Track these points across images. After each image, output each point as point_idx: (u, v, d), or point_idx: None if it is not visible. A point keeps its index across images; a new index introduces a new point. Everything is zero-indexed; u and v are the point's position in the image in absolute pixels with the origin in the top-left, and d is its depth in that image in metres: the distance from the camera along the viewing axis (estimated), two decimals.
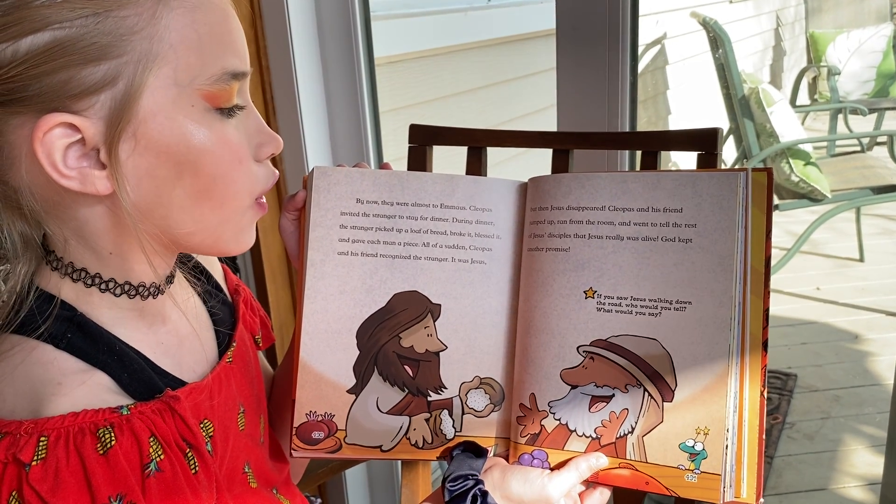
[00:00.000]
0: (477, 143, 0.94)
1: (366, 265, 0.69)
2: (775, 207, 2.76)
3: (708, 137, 0.82)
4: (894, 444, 1.08)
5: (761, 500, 0.62)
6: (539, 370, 0.67)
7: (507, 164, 2.09)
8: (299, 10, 1.30)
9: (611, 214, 0.66)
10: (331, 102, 1.37)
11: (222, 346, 0.67)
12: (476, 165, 0.95)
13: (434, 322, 0.69)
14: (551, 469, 0.67)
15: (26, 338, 0.52)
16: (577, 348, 0.66)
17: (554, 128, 1.11)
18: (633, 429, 0.65)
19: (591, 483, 0.68)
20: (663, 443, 0.64)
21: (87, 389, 0.51)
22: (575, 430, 0.66)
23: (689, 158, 0.84)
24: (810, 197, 2.71)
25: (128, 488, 0.49)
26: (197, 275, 0.68)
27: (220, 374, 0.63)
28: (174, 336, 0.61)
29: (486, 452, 0.68)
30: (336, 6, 1.31)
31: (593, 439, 0.66)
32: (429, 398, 0.70)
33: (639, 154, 0.89)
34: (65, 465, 0.48)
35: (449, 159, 1.13)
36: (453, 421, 0.70)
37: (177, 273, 0.63)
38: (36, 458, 0.47)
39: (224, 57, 0.53)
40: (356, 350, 0.69)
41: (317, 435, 0.69)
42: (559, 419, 0.67)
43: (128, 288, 0.57)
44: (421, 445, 0.70)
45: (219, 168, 0.54)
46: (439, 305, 0.69)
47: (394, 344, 0.69)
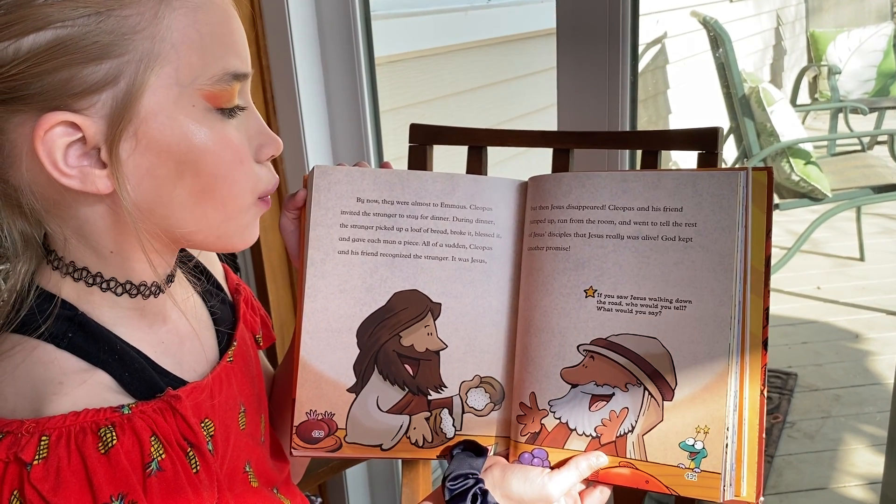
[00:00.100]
0: (477, 143, 0.94)
1: (366, 264, 0.69)
2: (776, 207, 2.76)
3: (708, 137, 0.82)
4: (895, 444, 1.08)
5: (761, 498, 0.62)
6: (539, 369, 0.67)
7: (508, 164, 2.09)
8: (299, 9, 1.30)
9: (611, 213, 0.66)
10: (331, 102, 1.37)
11: (223, 345, 0.67)
12: (476, 165, 0.95)
13: (434, 321, 0.69)
14: (551, 468, 0.67)
15: (27, 337, 0.52)
16: (578, 347, 0.66)
17: (554, 127, 1.11)
18: (633, 428, 0.65)
19: (592, 482, 0.68)
20: (663, 441, 0.64)
21: (88, 389, 0.51)
22: (575, 429, 0.66)
23: (689, 158, 0.84)
24: (811, 196, 2.71)
25: (129, 487, 0.49)
26: (197, 274, 0.68)
27: (221, 373, 0.63)
28: (175, 335, 0.61)
29: (486, 451, 0.68)
30: (336, 5, 1.31)
31: (593, 438, 0.66)
32: (429, 397, 0.70)
33: (639, 153, 0.89)
34: (66, 465, 0.48)
35: (449, 159, 1.13)
36: (453, 420, 0.70)
37: (177, 272, 0.63)
38: (37, 457, 0.47)
39: (226, 57, 0.53)
40: (356, 349, 0.69)
41: (317, 434, 0.69)
42: (559, 418, 0.67)
43: (129, 287, 0.57)
44: (421, 444, 0.70)
45: (219, 168, 0.54)
46: (439, 304, 0.70)
47: (394, 343, 0.69)
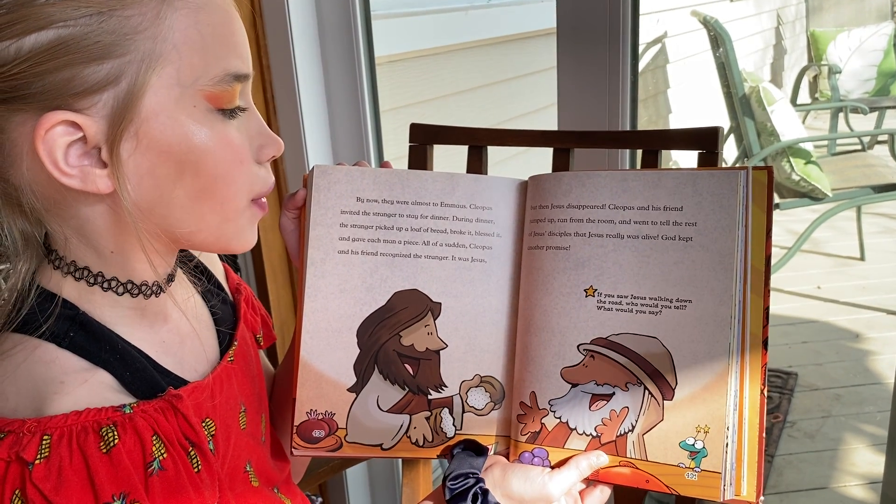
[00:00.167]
0: (477, 142, 0.94)
1: (366, 264, 0.69)
2: (776, 206, 2.76)
3: (708, 136, 0.82)
4: (895, 443, 1.08)
5: (761, 498, 0.62)
6: (539, 368, 0.67)
7: (508, 163, 2.09)
8: (300, 9, 1.30)
9: (611, 213, 0.66)
10: (331, 101, 1.37)
11: (224, 345, 0.67)
12: (477, 164, 0.95)
13: (434, 320, 0.70)
14: (552, 467, 0.67)
15: (28, 336, 0.52)
16: (578, 346, 0.66)
17: (554, 127, 1.11)
18: (633, 427, 0.65)
19: (592, 481, 0.68)
20: (664, 441, 0.64)
21: (90, 388, 0.51)
22: (575, 429, 0.66)
23: (689, 157, 0.84)
24: (811, 196, 2.71)
25: (131, 487, 0.49)
26: (198, 274, 0.68)
27: (222, 373, 0.63)
28: (176, 335, 0.61)
29: (486, 451, 0.68)
30: (337, 5, 1.31)
31: (594, 437, 0.66)
32: (429, 396, 0.70)
33: (639, 153, 0.89)
34: (68, 464, 0.48)
35: (449, 158, 1.13)
36: (454, 419, 0.70)
37: (178, 272, 0.63)
38: (39, 456, 0.47)
39: (227, 58, 0.53)
40: (356, 348, 0.69)
41: (317, 433, 0.69)
42: (559, 417, 0.67)
43: (130, 287, 0.57)
44: (421, 444, 0.70)
45: (219, 168, 0.54)
46: (440, 304, 0.70)
47: (394, 342, 0.69)
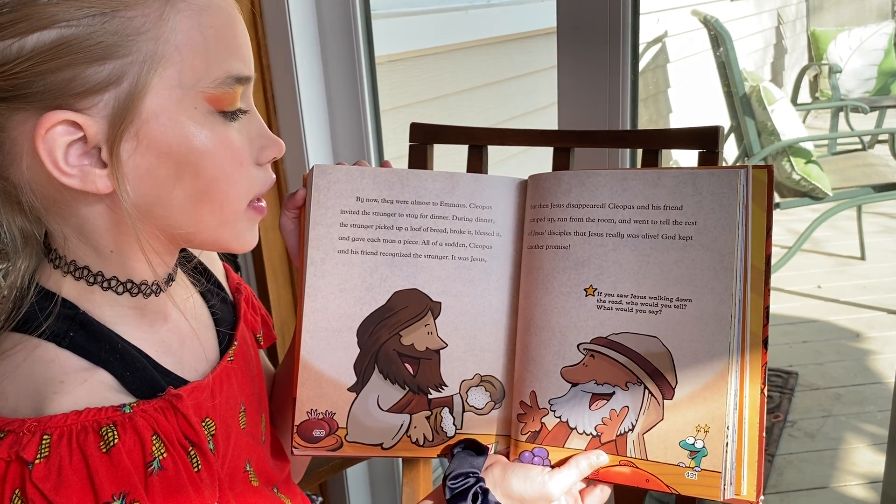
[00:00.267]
0: (477, 142, 0.94)
1: (366, 263, 0.69)
2: (776, 206, 2.76)
3: (709, 135, 0.82)
4: (895, 443, 1.08)
5: (762, 497, 0.62)
6: (539, 368, 0.67)
7: (508, 163, 2.09)
8: (300, 8, 1.30)
9: (611, 212, 0.66)
10: (332, 101, 1.37)
11: (224, 344, 0.67)
12: (477, 164, 0.95)
13: (434, 320, 0.70)
14: (552, 467, 0.67)
15: (28, 336, 0.53)
16: (578, 346, 0.66)
17: (555, 126, 1.11)
18: (633, 426, 0.65)
19: (592, 481, 0.68)
20: (664, 440, 0.64)
21: (90, 388, 0.51)
22: (575, 428, 0.66)
23: (690, 157, 0.84)
24: (811, 195, 2.71)
25: (131, 486, 0.49)
26: (198, 274, 0.68)
27: (222, 372, 0.63)
28: (175, 335, 0.61)
29: (486, 450, 0.68)
30: (337, 5, 1.31)
31: (594, 437, 0.66)
32: (429, 396, 0.70)
33: (640, 152, 0.89)
34: (68, 464, 0.48)
35: (450, 158, 1.13)
36: (454, 419, 0.70)
37: (177, 272, 0.63)
38: (39, 456, 0.47)
39: (229, 61, 0.53)
40: (357, 348, 0.69)
41: (318, 433, 0.69)
42: (560, 417, 0.67)
43: (129, 286, 0.57)
44: (422, 443, 0.70)
45: (219, 170, 0.54)
46: (440, 303, 0.70)
47: (394, 342, 0.69)
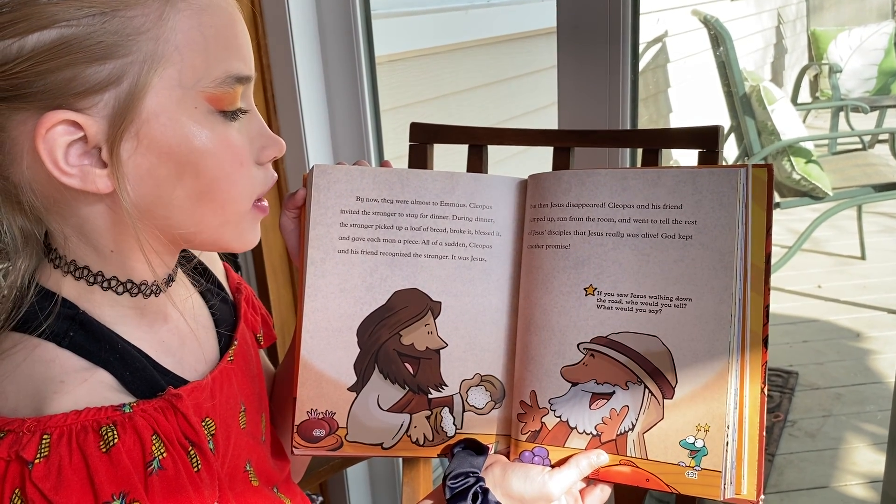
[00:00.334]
0: (477, 142, 0.94)
1: (366, 263, 0.69)
2: (777, 205, 2.76)
3: (709, 135, 0.82)
4: (895, 442, 1.08)
5: (762, 497, 0.62)
6: (539, 367, 0.67)
7: (508, 163, 2.09)
8: (300, 8, 1.30)
9: (611, 211, 0.66)
10: (332, 101, 1.37)
11: (224, 344, 0.67)
12: (477, 163, 0.95)
13: (434, 319, 0.70)
14: (552, 466, 0.67)
15: (28, 336, 0.53)
16: (578, 345, 0.66)
17: (555, 126, 1.11)
18: (633, 426, 0.65)
19: (592, 480, 0.68)
20: (664, 440, 0.64)
21: (90, 387, 0.51)
22: (575, 428, 0.66)
23: (690, 157, 0.84)
24: (812, 195, 2.71)
25: (131, 486, 0.49)
26: (197, 274, 0.68)
27: (222, 372, 0.63)
28: (175, 335, 0.61)
29: (486, 450, 0.68)
30: (337, 5, 1.31)
31: (594, 436, 0.66)
32: (429, 396, 0.70)
33: (640, 152, 0.89)
34: (68, 463, 0.48)
35: (450, 157, 1.13)
36: (454, 418, 0.70)
37: (177, 272, 0.63)
38: (39, 456, 0.47)
39: (229, 60, 0.53)
40: (357, 348, 0.69)
41: (318, 433, 0.69)
42: (560, 416, 0.67)
43: (129, 286, 0.57)
44: (422, 443, 0.70)
45: (220, 170, 0.54)
46: (440, 303, 0.70)
47: (394, 342, 0.69)
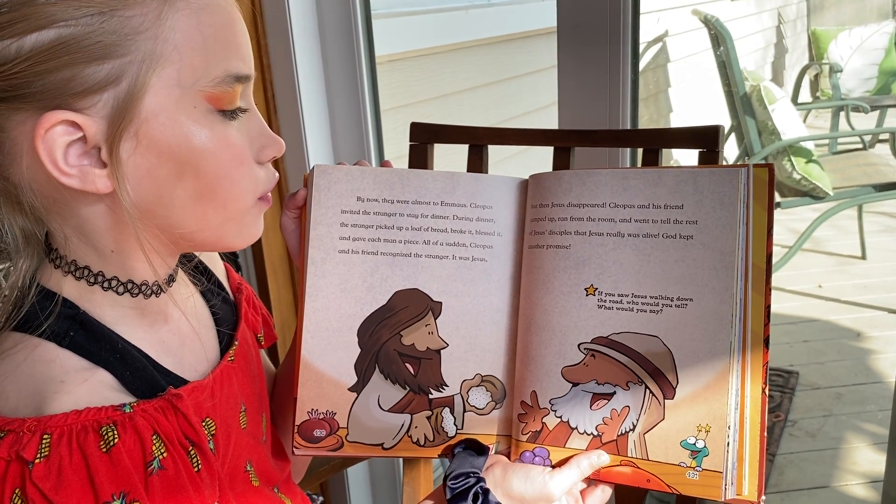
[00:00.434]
0: (478, 141, 0.94)
1: (367, 263, 0.69)
2: (777, 205, 2.76)
3: (709, 135, 0.81)
4: None
5: (763, 497, 0.62)
6: (540, 368, 0.67)
7: (509, 162, 2.09)
8: (300, 8, 1.30)
9: (612, 211, 0.66)
10: (332, 101, 1.37)
11: (224, 344, 0.67)
12: (477, 163, 0.94)
13: (435, 320, 0.69)
14: (553, 467, 0.67)
15: (29, 335, 0.53)
16: (579, 346, 0.66)
17: (555, 126, 1.11)
18: (634, 426, 0.65)
19: (593, 481, 0.68)
20: (665, 440, 0.64)
21: (90, 387, 0.51)
22: (576, 428, 0.66)
23: (690, 157, 0.84)
24: (812, 195, 2.71)
25: (131, 486, 0.49)
26: (199, 274, 0.68)
27: (222, 372, 0.63)
28: (176, 335, 0.61)
29: (487, 450, 0.68)
30: (337, 4, 1.31)
31: (595, 437, 0.66)
32: (430, 396, 0.70)
33: (640, 152, 0.89)
34: (68, 463, 0.48)
35: (450, 157, 1.13)
36: (455, 419, 0.70)
37: (178, 272, 0.63)
38: (39, 455, 0.47)
39: (228, 59, 0.53)
40: (357, 348, 0.69)
41: (318, 433, 0.69)
42: (560, 417, 0.67)
43: (130, 286, 0.57)
44: (422, 443, 0.70)
45: (220, 169, 0.54)
46: (440, 303, 0.70)
47: (395, 342, 0.69)
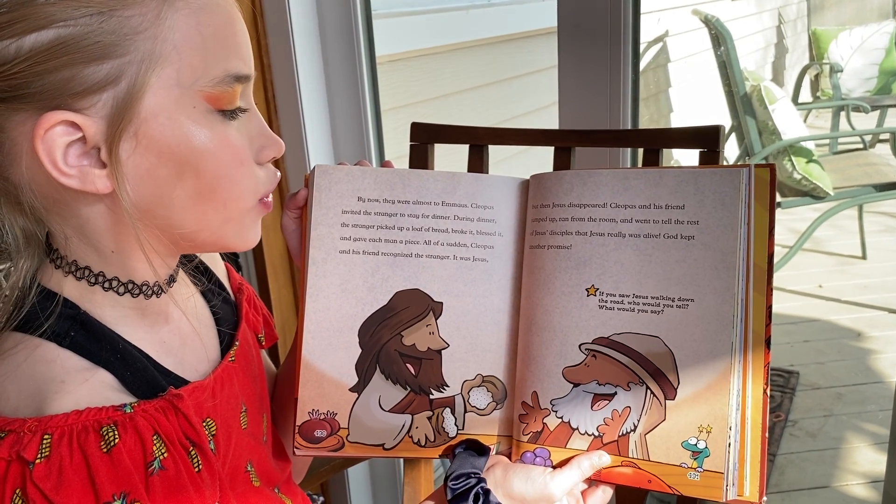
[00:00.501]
0: (478, 141, 0.94)
1: (367, 263, 0.69)
2: (777, 205, 2.76)
3: (710, 135, 0.81)
4: None
5: (764, 498, 0.62)
6: (541, 368, 0.67)
7: (509, 162, 2.09)
8: (301, 8, 1.30)
9: (612, 211, 0.66)
10: (332, 101, 1.37)
11: (225, 344, 0.67)
12: (478, 163, 0.94)
13: (436, 320, 0.69)
14: (553, 467, 0.67)
15: (29, 336, 0.52)
16: (580, 346, 0.66)
17: (556, 126, 1.11)
18: (635, 427, 0.65)
19: (594, 481, 0.68)
20: (666, 441, 0.64)
21: (90, 387, 0.51)
22: (577, 428, 0.66)
23: (691, 157, 0.84)
24: (812, 194, 2.71)
25: (131, 486, 0.49)
26: (199, 274, 0.68)
27: (223, 373, 0.63)
28: (176, 335, 0.61)
29: (488, 450, 0.68)
30: (337, 4, 1.31)
31: (595, 437, 0.66)
32: (431, 396, 0.70)
33: (640, 152, 0.89)
34: (68, 463, 0.48)
35: (450, 157, 1.13)
36: (455, 419, 0.70)
37: (179, 272, 0.63)
38: (39, 456, 0.47)
39: (227, 59, 0.53)
40: (358, 348, 0.69)
41: (319, 433, 0.69)
42: (561, 417, 0.67)
43: (130, 287, 0.57)
44: (423, 444, 0.70)
45: (220, 169, 0.54)
46: (441, 303, 0.69)
47: (396, 342, 0.69)
